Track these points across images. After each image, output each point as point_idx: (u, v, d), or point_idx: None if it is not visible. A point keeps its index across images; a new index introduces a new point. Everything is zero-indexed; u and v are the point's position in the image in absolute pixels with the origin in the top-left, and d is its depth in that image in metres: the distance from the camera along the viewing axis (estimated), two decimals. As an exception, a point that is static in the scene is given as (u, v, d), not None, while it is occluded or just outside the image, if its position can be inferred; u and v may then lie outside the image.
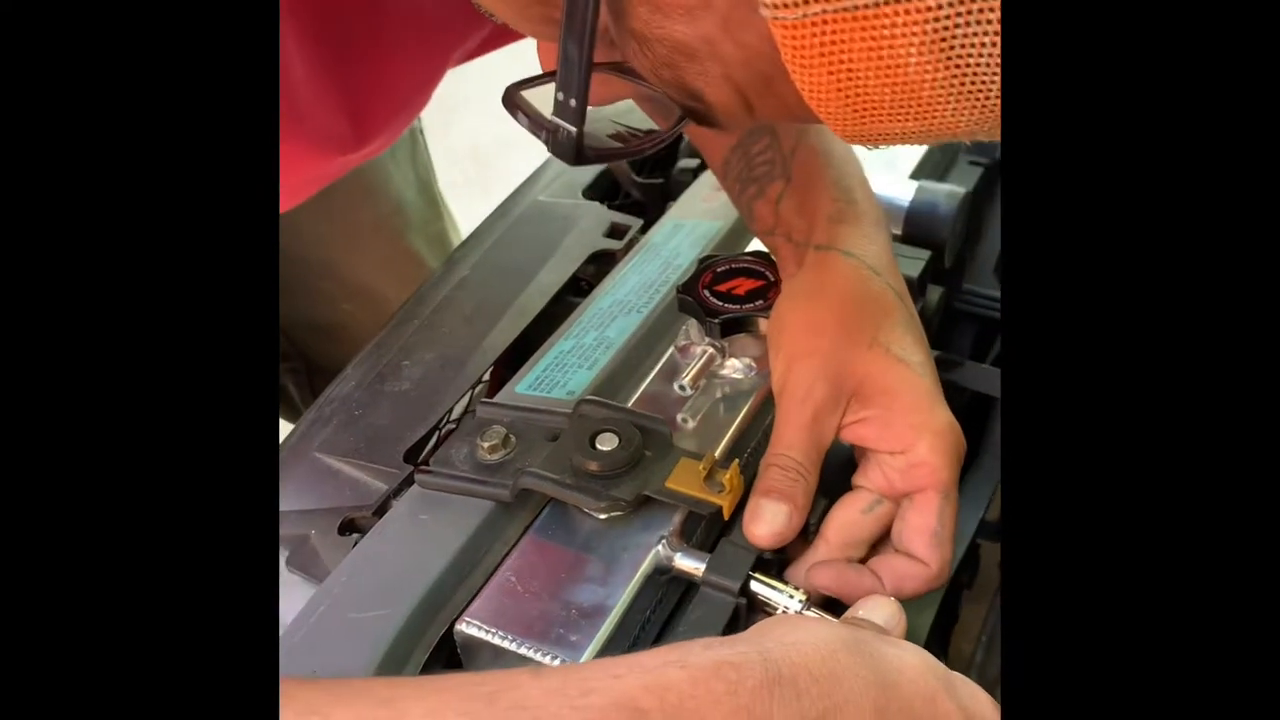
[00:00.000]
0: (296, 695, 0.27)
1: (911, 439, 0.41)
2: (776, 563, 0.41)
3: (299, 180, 0.56)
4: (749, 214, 0.50)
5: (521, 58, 0.37)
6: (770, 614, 0.39)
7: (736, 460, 0.41)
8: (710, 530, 0.43)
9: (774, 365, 0.44)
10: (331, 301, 0.75)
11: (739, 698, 0.27)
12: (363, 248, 0.75)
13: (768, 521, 0.40)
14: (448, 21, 0.27)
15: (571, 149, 0.29)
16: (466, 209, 0.87)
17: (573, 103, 0.29)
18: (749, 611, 0.40)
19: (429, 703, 0.27)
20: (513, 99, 0.30)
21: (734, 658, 0.28)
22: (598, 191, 0.65)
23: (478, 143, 1.92)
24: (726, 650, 0.29)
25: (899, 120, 0.26)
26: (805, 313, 0.44)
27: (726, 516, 0.41)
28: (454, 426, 0.50)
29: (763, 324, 0.47)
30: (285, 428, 0.82)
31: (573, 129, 0.29)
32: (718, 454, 0.44)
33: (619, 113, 0.59)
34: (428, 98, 0.57)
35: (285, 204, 0.59)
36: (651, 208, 0.65)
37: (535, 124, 0.30)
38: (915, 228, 0.56)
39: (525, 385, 0.49)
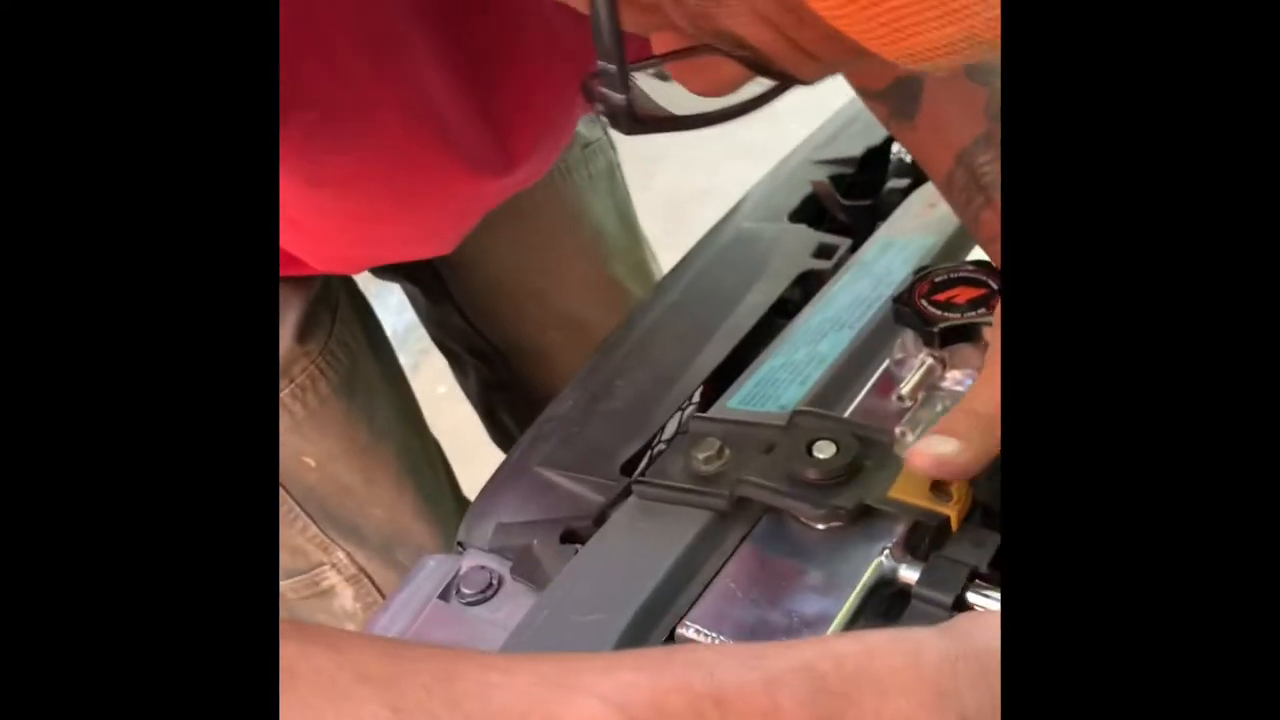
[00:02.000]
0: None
1: None
2: (994, 577, 0.39)
3: (460, 205, 0.58)
4: (975, 223, 0.49)
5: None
6: None
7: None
8: (935, 543, 0.41)
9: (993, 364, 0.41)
10: (539, 328, 0.78)
11: (921, 670, 0.25)
12: (565, 274, 0.77)
13: (935, 449, 0.38)
14: (586, 43, 0.28)
15: (625, 117, 0.29)
16: (665, 260, 0.89)
17: (613, 68, 0.28)
18: None
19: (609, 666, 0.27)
20: (589, 89, 0.31)
21: (912, 633, 0.27)
22: (803, 216, 0.65)
23: (675, 197, 1.97)
24: (904, 629, 0.28)
25: (934, 27, 0.24)
26: None
27: (955, 528, 0.39)
28: (664, 447, 0.51)
29: (986, 332, 0.45)
30: (498, 454, 0.86)
31: (621, 97, 0.29)
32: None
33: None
34: (574, 122, 0.58)
35: (451, 230, 0.62)
36: (859, 230, 0.64)
37: (595, 100, 0.30)
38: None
39: (737, 400, 0.50)
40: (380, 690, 0.25)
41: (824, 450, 0.42)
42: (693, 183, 2.07)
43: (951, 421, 0.39)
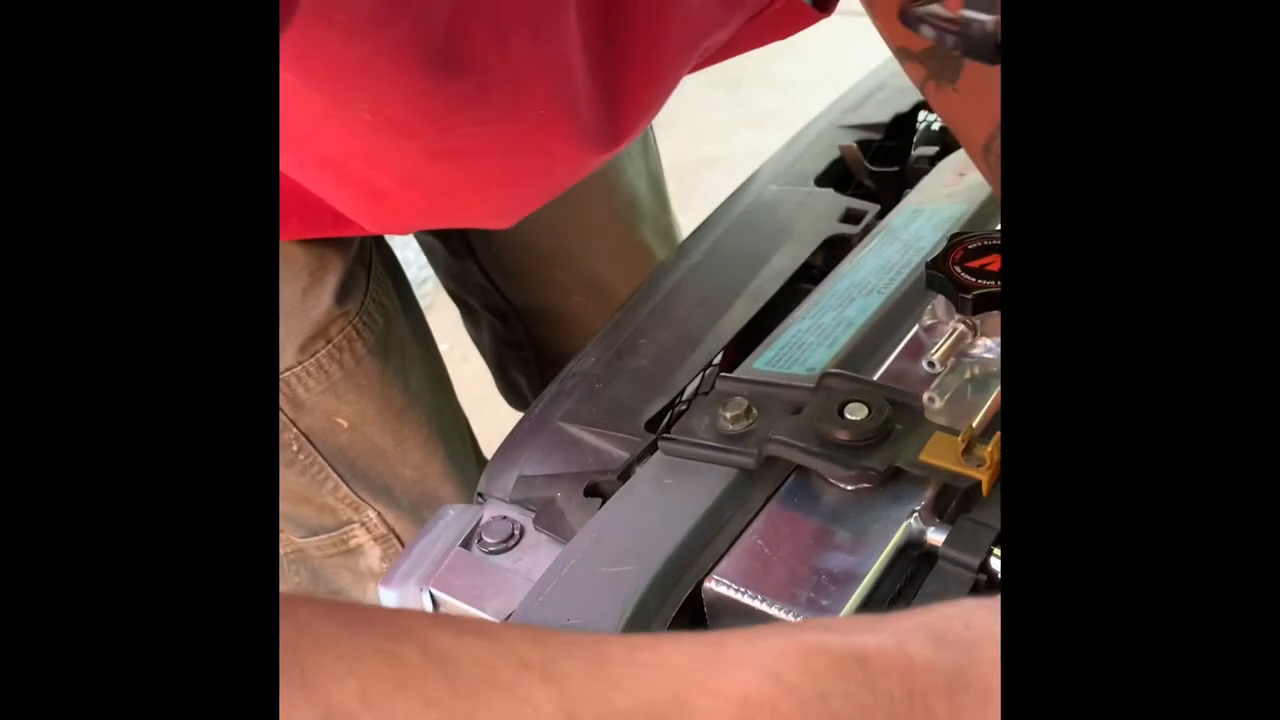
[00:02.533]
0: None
1: None
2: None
3: (560, 180, 0.57)
4: None
5: (727, 74, 0.37)
6: None
7: (998, 434, 0.40)
8: (963, 508, 0.41)
9: None
10: (563, 291, 0.78)
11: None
12: (596, 239, 0.77)
13: None
14: (707, 6, 0.27)
15: (989, 42, 0.28)
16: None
17: None
18: (988, 588, 0.38)
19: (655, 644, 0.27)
20: (911, 14, 0.30)
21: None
22: (829, 181, 0.65)
23: (683, 163, 1.95)
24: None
25: None
26: None
27: (986, 493, 0.39)
28: (685, 408, 0.51)
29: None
30: (503, 411, 0.86)
31: (992, 18, 0.28)
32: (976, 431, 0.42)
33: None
34: (671, 92, 0.57)
35: (536, 204, 0.61)
36: (885, 196, 0.64)
37: (943, 27, 0.30)
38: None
39: (764, 362, 0.49)
40: (543, 676, 0.24)
41: (856, 412, 0.42)
42: (701, 149, 2.06)
43: None
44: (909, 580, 0.40)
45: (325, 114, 0.48)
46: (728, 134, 2.10)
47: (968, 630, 0.27)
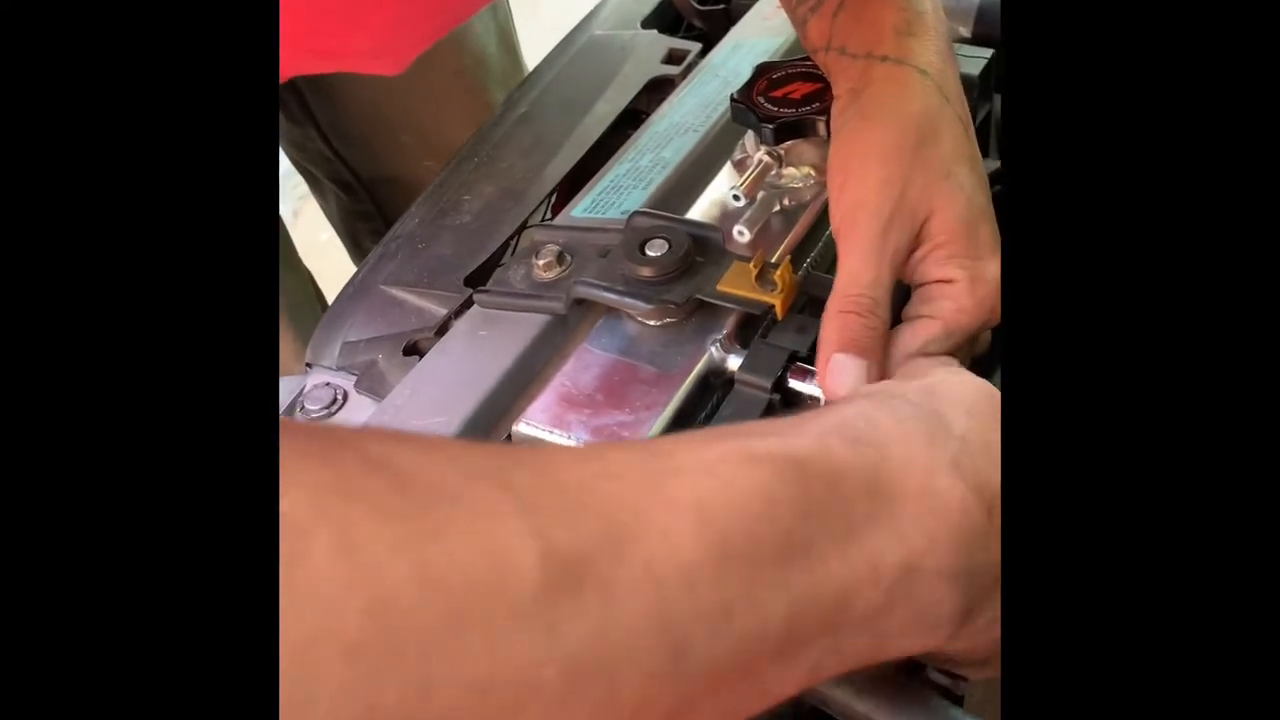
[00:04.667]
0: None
1: (959, 278, 0.38)
2: (813, 358, 0.40)
3: (429, 27, 0.54)
4: (803, 31, 0.48)
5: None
6: (807, 408, 0.38)
7: (789, 258, 0.40)
8: (765, 334, 0.42)
9: (841, 188, 0.41)
10: (412, 157, 0.76)
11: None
12: (445, 101, 0.74)
13: (851, 380, 0.37)
14: None
15: None
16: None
17: None
18: (783, 406, 0.39)
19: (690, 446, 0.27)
20: None
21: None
22: (657, 22, 0.63)
23: (563, 25, 1.88)
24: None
25: None
26: (880, 133, 0.40)
27: (780, 316, 0.40)
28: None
29: (821, 127, 0.45)
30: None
31: None
32: (773, 262, 0.43)
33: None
34: None
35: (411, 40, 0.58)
36: (714, 38, 0.63)
37: None
38: (988, 27, 0.52)
39: (581, 209, 0.49)
40: (498, 486, 0.22)
41: (657, 249, 0.42)
42: (583, 9, 1.98)
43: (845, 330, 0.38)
44: (716, 408, 0.41)
45: None
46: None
47: (874, 429, 0.28)
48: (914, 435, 0.29)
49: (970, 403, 0.31)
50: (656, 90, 0.58)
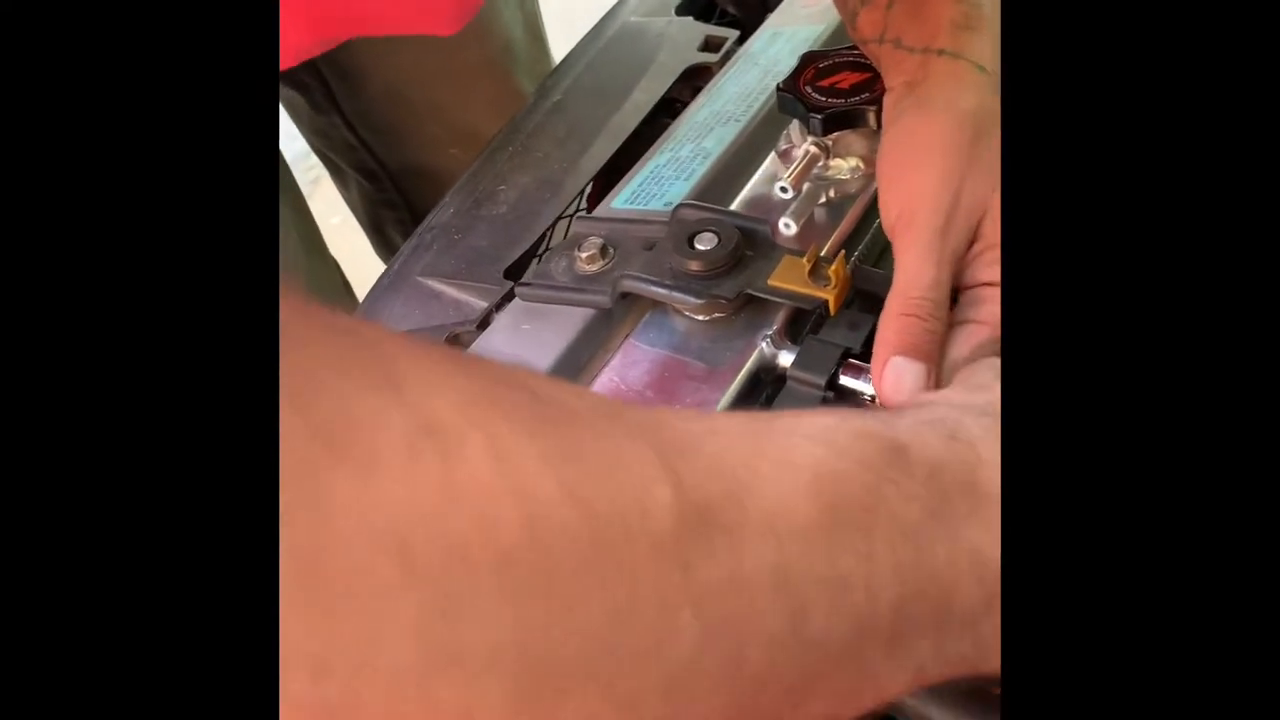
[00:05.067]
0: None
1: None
2: (866, 354, 0.40)
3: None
4: (852, 23, 0.47)
5: None
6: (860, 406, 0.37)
7: (842, 252, 0.39)
8: (815, 330, 0.41)
9: (896, 181, 0.39)
10: (438, 146, 0.75)
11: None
12: (471, 88, 0.73)
13: (910, 384, 0.35)
14: None
15: None
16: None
17: None
18: (838, 404, 0.38)
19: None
20: None
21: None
22: (690, 9, 0.62)
23: (575, 11, 1.87)
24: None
25: None
26: (938, 128, 0.39)
27: (833, 312, 0.39)
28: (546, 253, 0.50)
29: (871, 118, 0.44)
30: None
31: None
32: (823, 252, 0.42)
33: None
34: None
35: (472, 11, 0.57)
36: (748, 23, 0.62)
37: None
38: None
39: (621, 200, 0.48)
40: (625, 425, 0.22)
41: (705, 242, 0.41)
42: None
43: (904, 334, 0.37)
44: (767, 405, 0.40)
45: None
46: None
47: (964, 429, 0.27)
48: (999, 442, 0.28)
49: None
50: (693, 78, 0.57)
